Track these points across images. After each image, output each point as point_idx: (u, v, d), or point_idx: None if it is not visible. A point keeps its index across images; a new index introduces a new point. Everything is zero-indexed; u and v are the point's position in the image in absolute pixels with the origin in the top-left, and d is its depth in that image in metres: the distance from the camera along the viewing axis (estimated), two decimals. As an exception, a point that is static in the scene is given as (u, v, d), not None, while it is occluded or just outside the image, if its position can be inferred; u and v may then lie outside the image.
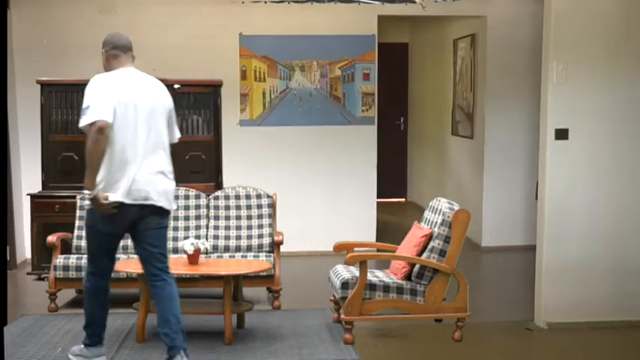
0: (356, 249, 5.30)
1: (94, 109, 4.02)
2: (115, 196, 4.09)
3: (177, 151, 6.61)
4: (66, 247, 5.88)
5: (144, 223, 4.26)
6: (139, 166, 4.14)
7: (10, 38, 7.22)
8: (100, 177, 4.07)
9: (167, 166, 4.32)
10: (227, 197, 6.10)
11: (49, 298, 5.67)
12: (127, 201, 4.14)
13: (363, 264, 4.78)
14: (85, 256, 5.71)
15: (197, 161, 6.78)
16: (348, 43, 7.82)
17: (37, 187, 6.82)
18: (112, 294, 6.13)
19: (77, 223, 5.95)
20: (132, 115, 4.14)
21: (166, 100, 4.38)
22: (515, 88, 7.91)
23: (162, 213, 4.32)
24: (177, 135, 4.49)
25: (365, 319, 4.90)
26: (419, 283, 4.89)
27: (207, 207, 6.07)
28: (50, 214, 6.59)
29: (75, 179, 6.69)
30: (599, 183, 5.27)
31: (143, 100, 4.23)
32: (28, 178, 7.30)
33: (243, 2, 7.47)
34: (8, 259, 6.88)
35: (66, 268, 5.64)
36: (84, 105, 4.07)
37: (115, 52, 4.49)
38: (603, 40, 5.19)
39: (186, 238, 5.64)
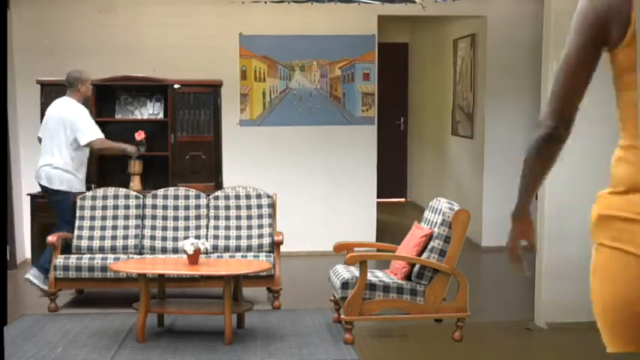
0: (356, 249, 5.30)
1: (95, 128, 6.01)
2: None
3: (177, 151, 6.66)
4: (66, 247, 5.87)
5: None
6: None
7: (10, 38, 7.22)
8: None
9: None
10: (227, 197, 6.10)
11: (49, 298, 5.67)
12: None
13: (363, 264, 4.78)
14: (85, 255, 5.73)
15: (197, 161, 6.78)
16: (348, 43, 7.82)
17: (37, 187, 6.81)
18: (112, 294, 6.17)
19: (77, 223, 5.96)
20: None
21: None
22: (515, 88, 7.91)
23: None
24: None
25: (365, 319, 4.90)
26: (419, 283, 4.89)
27: (207, 207, 6.07)
28: (50, 214, 6.57)
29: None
30: (599, 183, 5.26)
31: None
32: (28, 178, 7.29)
33: (243, 2, 7.47)
34: (8, 259, 6.88)
35: (66, 268, 5.64)
36: (86, 126, 5.94)
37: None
38: (603, 40, 5.19)
39: (186, 238, 5.64)
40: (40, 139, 6.13)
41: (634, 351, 1.86)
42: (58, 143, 5.94)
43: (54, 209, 6.08)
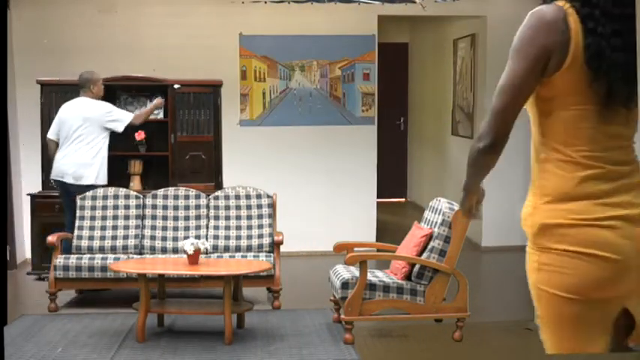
0: (356, 249, 5.30)
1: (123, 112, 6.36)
2: None
3: (177, 151, 6.66)
4: (66, 247, 5.87)
5: None
6: None
7: (10, 38, 7.22)
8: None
9: None
10: (227, 197, 6.10)
11: (49, 298, 5.67)
12: None
13: (363, 264, 4.78)
14: (85, 255, 5.73)
15: (197, 161, 6.78)
16: (348, 43, 7.81)
17: (37, 187, 6.82)
18: (112, 294, 6.17)
19: (77, 223, 5.96)
20: None
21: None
22: (515, 88, 7.90)
23: None
24: None
25: (365, 319, 4.90)
26: (419, 283, 4.89)
27: (207, 207, 6.07)
28: (50, 214, 6.59)
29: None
30: (599, 183, 5.27)
31: None
32: (28, 178, 7.30)
33: (243, 2, 7.47)
34: (8, 259, 6.88)
35: (66, 268, 5.64)
36: (117, 115, 6.26)
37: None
38: (603, 40, 5.19)
39: (186, 238, 5.64)
40: (53, 141, 6.28)
41: (587, 338, 2.15)
42: (81, 141, 6.11)
43: (71, 207, 6.11)
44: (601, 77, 2.04)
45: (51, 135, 6.32)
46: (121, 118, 6.23)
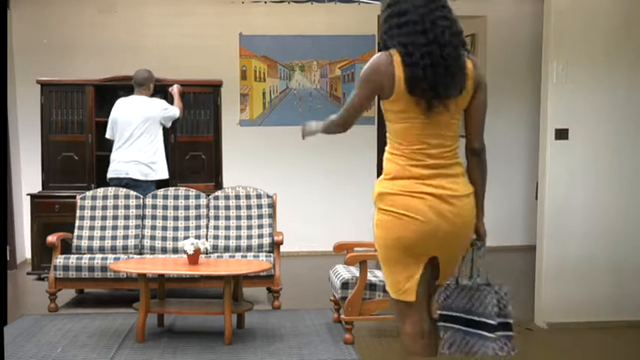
0: (356, 249, 5.29)
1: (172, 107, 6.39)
2: None
3: (177, 151, 6.65)
4: (66, 247, 5.88)
5: None
6: None
7: (10, 38, 7.22)
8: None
9: None
10: (227, 197, 6.10)
11: (49, 298, 5.67)
12: None
13: (363, 264, 4.77)
14: (85, 255, 5.73)
15: (197, 161, 6.78)
16: (348, 43, 7.82)
17: (37, 187, 6.82)
18: (112, 294, 6.17)
19: (77, 223, 5.96)
20: None
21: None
22: (515, 88, 7.91)
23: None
24: None
25: (365, 319, 4.90)
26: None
27: (207, 207, 6.07)
28: (50, 214, 6.59)
29: (75, 179, 6.71)
30: (599, 183, 5.27)
31: None
32: (28, 178, 7.31)
33: (243, 2, 7.48)
34: (8, 259, 6.89)
35: (66, 268, 5.64)
36: (172, 110, 6.35)
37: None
38: (603, 40, 5.19)
39: (186, 238, 5.65)
40: (111, 140, 6.33)
41: (407, 276, 2.94)
42: (145, 138, 6.17)
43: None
44: (421, 99, 2.81)
45: (109, 135, 6.35)
46: (173, 113, 6.33)
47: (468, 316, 2.96)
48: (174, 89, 6.53)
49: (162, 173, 6.29)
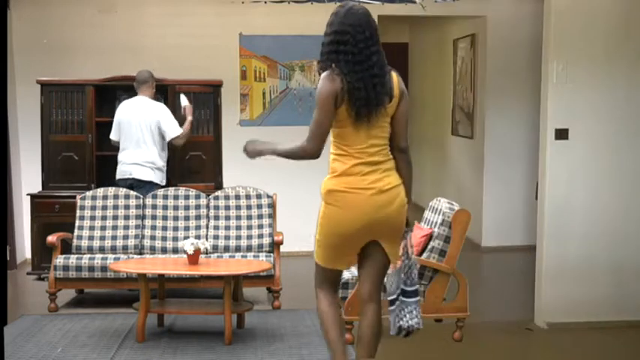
0: (356, 249, 5.28)
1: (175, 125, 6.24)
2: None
3: (177, 151, 6.65)
4: (66, 247, 5.88)
5: None
6: None
7: (10, 38, 7.22)
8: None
9: None
10: (227, 197, 6.10)
11: (49, 298, 5.67)
12: None
13: (363, 264, 4.76)
14: (85, 255, 5.73)
15: (197, 161, 6.78)
16: (348, 43, 7.80)
17: (37, 187, 6.82)
18: (112, 294, 6.17)
19: (77, 223, 5.96)
20: None
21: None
22: (515, 88, 7.91)
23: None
24: None
25: (365, 319, 4.89)
26: (419, 283, 4.88)
27: (207, 207, 6.07)
28: (50, 214, 6.59)
29: (75, 179, 6.71)
30: (599, 183, 5.27)
31: None
32: (28, 178, 7.30)
33: (243, 2, 7.47)
34: (8, 259, 6.88)
35: (66, 268, 5.64)
36: (169, 125, 6.20)
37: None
38: (603, 40, 5.19)
39: (186, 238, 5.64)
40: (117, 142, 6.26)
41: (341, 256, 3.57)
42: (147, 139, 6.13)
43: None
44: (354, 109, 3.37)
45: (114, 137, 6.30)
46: (168, 131, 6.17)
47: (405, 288, 3.64)
48: (187, 111, 6.34)
49: (160, 178, 6.25)
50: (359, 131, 3.42)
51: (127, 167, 6.18)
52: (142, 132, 6.13)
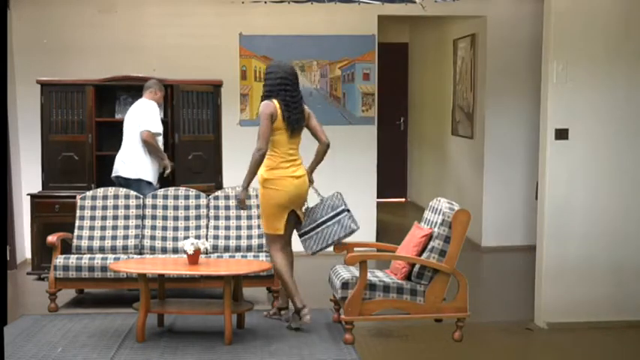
0: (356, 249, 5.30)
1: (154, 123, 6.27)
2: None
3: (177, 151, 6.65)
4: (66, 247, 5.88)
5: None
6: None
7: (10, 38, 7.22)
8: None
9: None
10: (227, 197, 6.10)
11: (49, 298, 5.67)
12: None
13: (363, 264, 4.78)
14: (85, 255, 5.73)
15: (197, 161, 6.78)
16: (348, 43, 7.82)
17: (37, 187, 6.82)
18: (112, 294, 6.17)
19: (77, 223, 5.96)
20: None
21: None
22: (515, 88, 7.91)
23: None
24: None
25: (365, 319, 4.90)
26: (419, 283, 4.89)
27: (207, 207, 6.07)
28: (50, 214, 6.59)
29: (75, 179, 6.71)
30: (599, 183, 5.27)
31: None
32: (28, 178, 7.30)
33: (243, 2, 7.47)
34: (8, 259, 6.88)
35: (66, 268, 5.64)
36: (147, 117, 6.22)
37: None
38: (603, 40, 5.19)
39: (186, 238, 5.64)
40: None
41: (280, 220, 5.12)
42: (132, 138, 6.20)
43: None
44: (288, 125, 5.06)
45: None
46: (142, 123, 6.14)
47: (323, 219, 5.18)
48: (168, 165, 6.36)
49: (148, 175, 6.23)
50: (286, 140, 5.07)
51: (115, 165, 6.26)
52: (128, 130, 6.21)
